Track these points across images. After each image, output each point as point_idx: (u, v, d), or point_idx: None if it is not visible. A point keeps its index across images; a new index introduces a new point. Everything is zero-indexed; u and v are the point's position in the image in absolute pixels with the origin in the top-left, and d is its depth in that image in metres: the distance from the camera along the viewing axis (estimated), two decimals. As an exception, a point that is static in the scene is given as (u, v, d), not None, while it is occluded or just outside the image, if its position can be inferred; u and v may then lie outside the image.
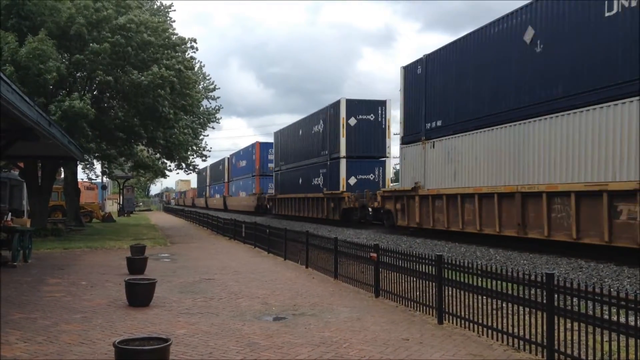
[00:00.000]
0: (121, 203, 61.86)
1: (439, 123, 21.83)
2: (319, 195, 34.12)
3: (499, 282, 7.16)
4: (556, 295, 6.18)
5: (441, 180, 21.36)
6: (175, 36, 27.51)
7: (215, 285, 11.65)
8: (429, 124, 22.45)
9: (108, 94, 27.78)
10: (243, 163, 57.45)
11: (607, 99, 13.76)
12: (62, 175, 34.82)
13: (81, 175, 56.94)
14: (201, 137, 41.94)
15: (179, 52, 27.17)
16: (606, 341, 5.72)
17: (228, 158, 66.12)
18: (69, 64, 24.07)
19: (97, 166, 47.35)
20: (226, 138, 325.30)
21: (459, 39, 20.81)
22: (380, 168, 32.30)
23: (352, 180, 31.45)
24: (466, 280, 7.77)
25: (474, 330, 7.49)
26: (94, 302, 9.73)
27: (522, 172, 16.82)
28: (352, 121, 31.52)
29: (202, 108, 41.14)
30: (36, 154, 19.37)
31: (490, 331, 7.17)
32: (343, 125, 31.43)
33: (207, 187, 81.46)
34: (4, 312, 8.72)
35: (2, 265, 14.26)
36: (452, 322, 7.98)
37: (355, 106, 31.74)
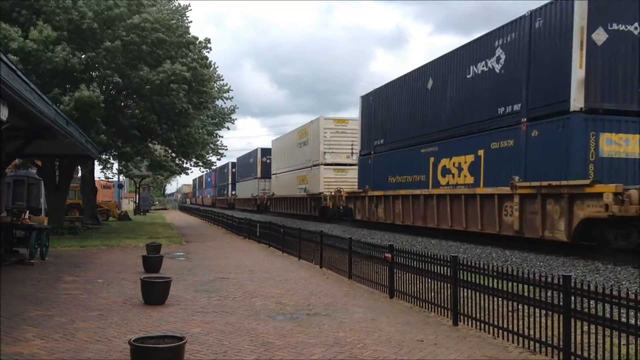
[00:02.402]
0: (137, 202, 62.38)
1: None
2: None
3: (514, 283, 7.12)
4: (573, 298, 6.12)
5: None
6: (189, 35, 27.61)
7: (230, 284, 11.69)
8: None
9: (125, 93, 27.95)
10: (209, 179, 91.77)
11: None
12: (79, 174, 35.17)
13: (98, 173, 57.59)
14: (216, 136, 42.16)
15: (193, 50, 27.26)
16: (623, 344, 5.65)
17: (204, 174, 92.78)
18: (84, 59, 24.14)
19: (114, 164, 47.77)
20: (241, 138, 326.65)
21: None
22: None
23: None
24: (482, 282, 7.72)
25: (489, 332, 7.44)
26: (110, 300, 9.82)
27: None
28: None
29: (217, 108, 41.27)
30: (54, 152, 19.60)
31: (505, 333, 7.11)
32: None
33: (196, 191, 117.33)
34: (21, 309, 8.83)
35: (19, 263, 14.44)
36: (467, 324, 7.93)
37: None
